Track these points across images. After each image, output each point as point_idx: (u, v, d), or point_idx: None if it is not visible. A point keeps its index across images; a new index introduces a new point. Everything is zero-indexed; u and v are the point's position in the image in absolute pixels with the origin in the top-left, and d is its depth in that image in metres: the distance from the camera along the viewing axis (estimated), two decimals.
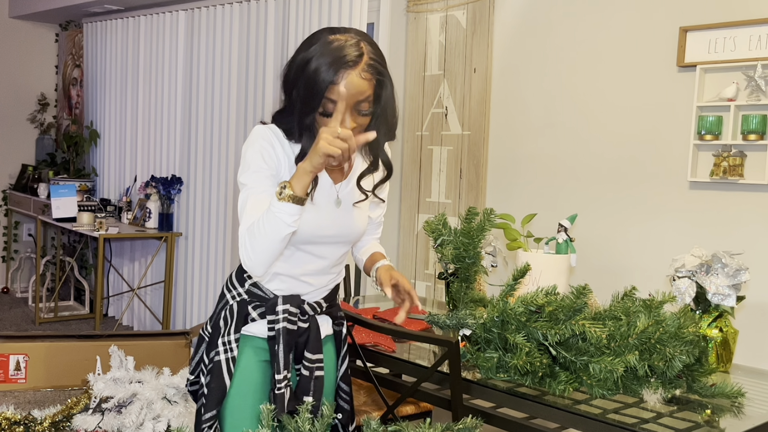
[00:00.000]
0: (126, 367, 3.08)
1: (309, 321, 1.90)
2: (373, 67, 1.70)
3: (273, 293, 1.88)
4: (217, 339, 1.89)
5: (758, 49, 2.92)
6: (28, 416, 3.09)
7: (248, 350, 1.89)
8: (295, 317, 1.87)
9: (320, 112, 1.69)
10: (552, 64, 3.58)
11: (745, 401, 2.06)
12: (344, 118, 1.68)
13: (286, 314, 1.86)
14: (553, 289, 2.16)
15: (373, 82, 1.70)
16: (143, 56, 5.66)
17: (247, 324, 1.89)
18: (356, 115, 1.70)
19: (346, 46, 1.67)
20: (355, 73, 1.66)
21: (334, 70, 1.65)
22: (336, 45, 1.67)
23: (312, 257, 1.87)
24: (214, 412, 1.86)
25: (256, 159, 1.76)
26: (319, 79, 1.65)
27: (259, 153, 1.76)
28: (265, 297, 1.88)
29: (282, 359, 1.85)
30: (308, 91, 1.68)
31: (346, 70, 1.65)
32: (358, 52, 1.68)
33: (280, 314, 1.86)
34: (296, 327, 1.88)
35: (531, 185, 3.67)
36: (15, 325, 5.58)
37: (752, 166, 2.97)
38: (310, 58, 1.68)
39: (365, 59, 1.68)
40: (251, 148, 1.78)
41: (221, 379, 1.85)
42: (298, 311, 1.87)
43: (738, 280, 2.32)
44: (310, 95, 1.68)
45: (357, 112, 1.70)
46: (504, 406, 2.11)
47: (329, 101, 1.67)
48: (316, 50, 1.68)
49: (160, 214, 5.30)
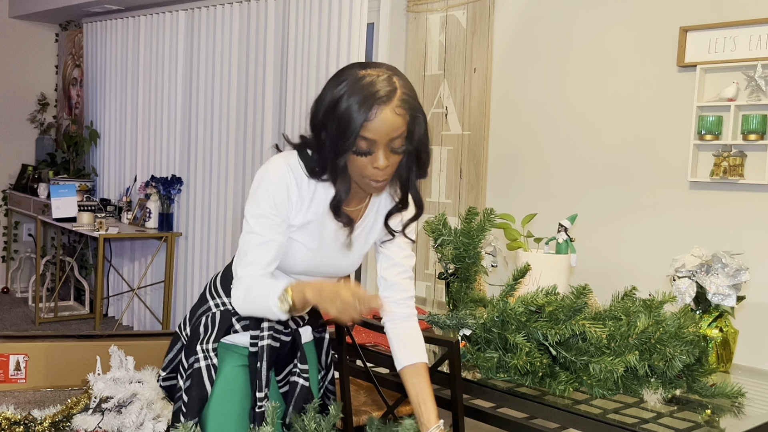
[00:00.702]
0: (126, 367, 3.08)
1: (292, 334, 1.90)
2: (407, 102, 1.61)
3: None
4: (195, 344, 1.87)
5: (758, 49, 2.92)
6: (28, 416, 3.09)
7: (229, 355, 1.87)
8: (279, 333, 1.86)
9: (353, 151, 1.61)
10: (552, 64, 3.58)
11: (745, 401, 2.06)
12: (377, 157, 1.61)
13: (272, 331, 1.84)
14: (553, 289, 2.16)
15: (406, 118, 1.61)
16: (143, 56, 5.66)
17: (229, 335, 1.88)
18: (389, 153, 1.62)
19: (377, 82, 1.59)
20: (389, 108, 1.58)
21: (368, 107, 1.57)
22: (367, 81, 1.59)
23: None
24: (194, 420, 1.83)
25: (268, 203, 1.69)
26: (352, 118, 1.57)
27: (273, 198, 1.69)
28: None
29: (264, 377, 1.84)
30: (340, 131, 1.59)
31: (379, 106, 1.57)
32: (390, 87, 1.59)
33: (265, 330, 1.84)
34: (278, 343, 1.87)
35: (531, 185, 3.67)
36: (15, 325, 5.58)
37: (752, 166, 2.97)
38: (340, 97, 1.59)
39: (398, 94, 1.60)
40: (265, 188, 1.70)
41: (202, 386, 1.83)
42: (282, 326, 1.86)
43: (738, 280, 2.32)
44: (343, 136, 1.59)
45: (390, 149, 1.62)
46: (504, 406, 2.11)
47: (363, 139, 1.59)
48: (346, 88, 1.60)
49: (160, 214, 5.30)
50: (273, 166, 1.72)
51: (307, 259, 1.78)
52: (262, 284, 1.69)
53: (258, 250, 1.70)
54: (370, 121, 1.57)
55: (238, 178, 4.89)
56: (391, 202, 1.81)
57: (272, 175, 1.71)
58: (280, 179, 1.70)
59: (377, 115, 1.57)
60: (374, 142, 1.60)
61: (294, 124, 4.48)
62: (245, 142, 4.83)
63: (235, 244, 4.92)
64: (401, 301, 1.86)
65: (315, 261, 1.79)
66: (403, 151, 1.64)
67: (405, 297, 1.87)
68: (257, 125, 4.74)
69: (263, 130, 4.68)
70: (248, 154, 4.81)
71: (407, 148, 1.65)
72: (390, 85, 1.60)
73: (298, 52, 4.43)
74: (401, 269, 1.86)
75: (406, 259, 1.86)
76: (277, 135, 4.64)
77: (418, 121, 1.64)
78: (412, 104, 1.62)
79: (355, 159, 1.63)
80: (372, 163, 1.62)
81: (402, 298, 1.86)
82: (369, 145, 1.60)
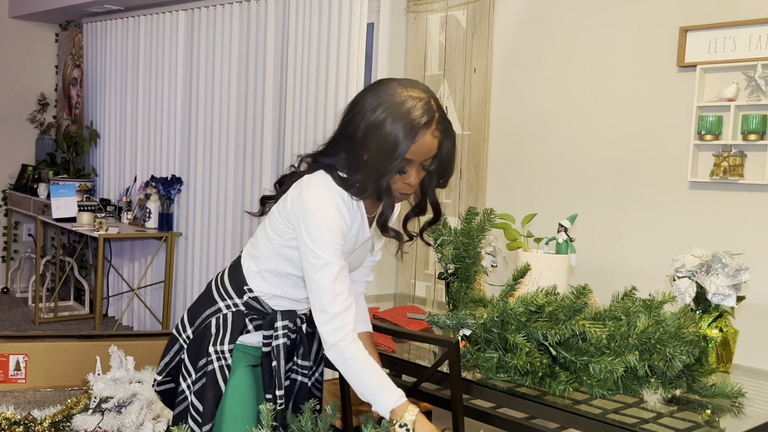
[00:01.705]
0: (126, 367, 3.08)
1: (296, 331, 1.93)
2: (443, 125, 1.72)
3: (272, 308, 1.89)
4: (206, 346, 1.86)
5: (758, 49, 2.92)
6: (28, 416, 3.09)
7: (238, 356, 1.89)
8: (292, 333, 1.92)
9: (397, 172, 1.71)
10: (552, 64, 3.58)
11: (745, 401, 2.06)
12: (411, 174, 1.71)
13: (286, 330, 1.89)
14: (553, 289, 2.16)
15: (440, 139, 1.72)
16: (143, 56, 5.66)
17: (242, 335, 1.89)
18: (420, 170, 1.74)
19: (419, 107, 1.67)
20: (429, 133, 1.68)
21: (413, 133, 1.65)
22: (409, 105, 1.66)
23: None
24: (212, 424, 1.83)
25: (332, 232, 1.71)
26: (399, 143, 1.65)
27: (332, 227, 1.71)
28: (265, 312, 1.89)
29: (282, 375, 1.86)
30: (386, 154, 1.66)
31: (422, 131, 1.66)
32: (431, 113, 1.68)
33: (279, 330, 1.87)
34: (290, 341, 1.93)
35: (531, 185, 3.67)
36: (15, 325, 5.58)
37: (752, 166, 2.97)
38: (383, 120, 1.65)
39: (437, 117, 1.70)
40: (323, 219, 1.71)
41: (217, 388, 1.84)
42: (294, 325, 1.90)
43: (738, 280, 2.32)
44: (389, 158, 1.66)
45: (422, 167, 1.73)
46: (504, 406, 2.11)
47: (404, 160, 1.68)
48: (388, 111, 1.66)
49: (160, 214, 5.30)
50: (320, 197, 1.72)
51: None
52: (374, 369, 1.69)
53: (339, 280, 1.71)
54: (415, 144, 1.66)
55: (238, 178, 4.89)
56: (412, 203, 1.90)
57: (325, 205, 1.72)
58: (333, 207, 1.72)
59: (420, 137, 1.67)
60: (411, 162, 1.69)
61: (294, 124, 4.48)
62: (245, 142, 4.83)
63: (235, 244, 4.92)
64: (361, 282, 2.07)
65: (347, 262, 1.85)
66: (432, 167, 1.75)
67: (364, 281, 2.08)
68: (257, 125, 4.74)
69: (263, 130, 4.68)
70: (248, 154, 4.81)
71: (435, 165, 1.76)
72: (430, 110, 1.68)
73: (298, 52, 4.43)
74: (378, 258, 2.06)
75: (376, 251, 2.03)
76: (277, 135, 4.64)
77: (450, 140, 1.75)
78: (446, 126, 1.73)
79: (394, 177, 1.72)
80: (404, 180, 1.72)
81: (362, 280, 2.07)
82: (406, 165, 1.70)
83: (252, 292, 1.89)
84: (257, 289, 1.88)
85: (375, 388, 1.67)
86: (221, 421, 1.85)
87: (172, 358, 1.98)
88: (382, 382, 1.68)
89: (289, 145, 4.50)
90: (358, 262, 1.93)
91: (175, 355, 1.97)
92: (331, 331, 1.68)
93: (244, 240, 4.87)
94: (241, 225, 4.88)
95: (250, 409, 1.87)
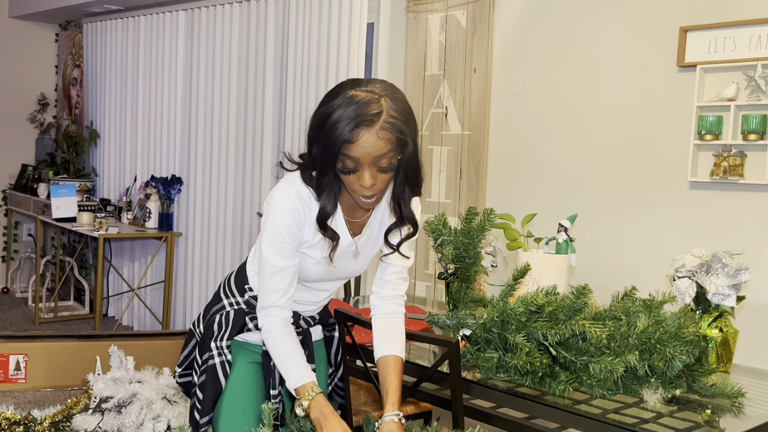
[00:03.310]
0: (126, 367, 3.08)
1: (303, 333, 1.93)
2: (392, 125, 1.62)
3: None
4: (209, 341, 1.91)
5: (758, 49, 2.92)
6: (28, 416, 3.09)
7: (242, 352, 1.92)
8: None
9: (339, 169, 1.65)
10: (552, 64, 3.58)
11: (745, 401, 2.06)
12: (362, 175, 1.64)
13: None
14: (553, 289, 2.16)
15: (393, 140, 1.63)
16: (143, 56, 5.66)
17: (243, 333, 1.91)
18: (376, 172, 1.65)
19: (364, 104, 1.60)
20: (371, 132, 1.60)
21: (350, 129, 1.59)
22: (355, 101, 1.61)
23: (314, 290, 1.91)
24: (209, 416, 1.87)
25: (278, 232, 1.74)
26: (334, 138, 1.61)
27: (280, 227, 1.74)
28: None
29: (278, 375, 1.87)
30: (325, 149, 1.64)
31: (361, 130, 1.59)
32: (376, 111, 1.60)
33: None
34: None
35: (531, 185, 3.67)
36: (15, 325, 5.58)
37: (752, 166, 2.97)
38: (329, 114, 1.62)
39: (383, 117, 1.60)
40: (273, 218, 1.74)
41: (217, 382, 1.87)
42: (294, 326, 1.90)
43: (738, 280, 2.31)
44: (327, 154, 1.64)
45: (377, 168, 1.64)
46: (504, 406, 2.11)
47: (347, 158, 1.62)
48: (335, 105, 1.62)
49: (160, 214, 5.30)
50: (278, 194, 1.75)
51: (318, 270, 1.84)
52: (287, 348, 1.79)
53: (274, 279, 1.77)
54: (352, 144, 1.60)
55: (238, 178, 4.89)
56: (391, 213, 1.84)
57: (278, 203, 1.74)
58: (286, 206, 1.73)
59: (359, 138, 1.60)
60: (358, 162, 1.62)
61: (294, 124, 4.48)
62: (245, 142, 4.83)
63: (235, 244, 4.92)
64: (389, 297, 1.92)
65: (326, 271, 1.85)
66: (391, 169, 1.67)
67: (394, 295, 1.92)
68: (257, 125, 4.74)
69: (263, 130, 4.68)
70: (248, 154, 4.81)
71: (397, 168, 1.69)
72: (377, 108, 1.61)
73: (298, 52, 4.43)
74: (395, 269, 1.92)
75: (401, 260, 1.91)
76: (277, 135, 4.64)
77: (406, 142, 1.66)
78: (398, 127, 1.63)
79: (343, 176, 1.67)
80: (358, 181, 1.65)
81: (391, 295, 1.92)
82: (354, 164, 1.63)
83: (252, 291, 1.92)
84: (256, 287, 1.91)
85: (285, 367, 1.78)
86: (219, 414, 1.88)
87: (190, 353, 2.03)
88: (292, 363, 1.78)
89: (289, 145, 4.50)
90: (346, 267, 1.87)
91: (192, 349, 2.02)
92: (262, 317, 1.81)
93: (244, 240, 4.87)
94: (241, 225, 4.88)
95: (249, 405, 1.89)
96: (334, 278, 1.91)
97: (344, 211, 1.80)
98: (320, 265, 1.82)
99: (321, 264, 1.82)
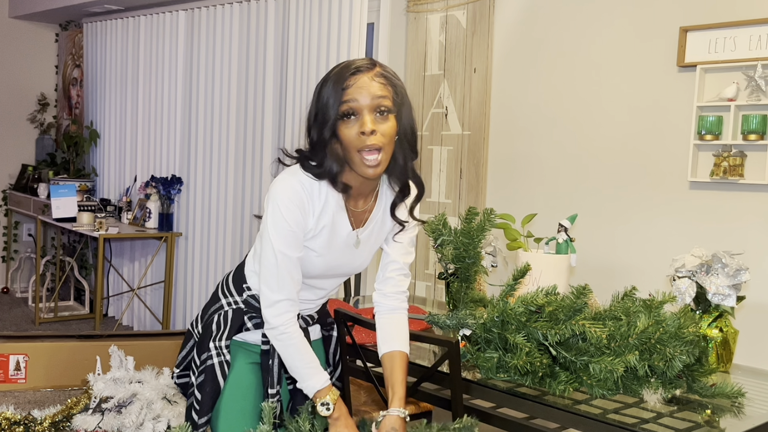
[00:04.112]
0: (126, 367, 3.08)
1: None
2: (387, 77, 1.69)
3: None
4: (207, 341, 1.90)
5: (758, 49, 2.92)
6: (28, 416, 3.09)
7: (240, 352, 1.91)
8: None
9: (340, 115, 1.66)
10: (552, 64, 3.58)
11: (745, 401, 2.06)
12: (364, 121, 1.65)
13: None
14: (553, 289, 2.16)
15: (389, 88, 1.68)
16: (143, 56, 5.66)
17: (241, 332, 1.91)
18: (376, 117, 1.66)
19: (356, 61, 1.70)
20: (366, 76, 1.66)
21: (345, 77, 1.66)
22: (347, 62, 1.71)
23: (311, 288, 1.90)
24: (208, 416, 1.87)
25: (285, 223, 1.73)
26: (332, 89, 1.66)
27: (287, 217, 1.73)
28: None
29: (276, 374, 1.87)
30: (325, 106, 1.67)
31: (356, 75, 1.66)
32: (370, 62, 1.69)
33: None
34: None
35: (531, 185, 3.67)
36: (15, 325, 5.58)
37: (752, 166, 2.97)
38: (325, 79, 1.69)
39: (377, 69, 1.69)
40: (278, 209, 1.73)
41: (215, 382, 1.86)
42: None
43: (738, 280, 2.31)
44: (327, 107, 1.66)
45: (378, 113, 1.66)
46: (504, 406, 2.11)
47: (346, 103, 1.65)
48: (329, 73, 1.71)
49: (160, 214, 5.30)
50: (280, 185, 1.75)
51: (320, 264, 1.83)
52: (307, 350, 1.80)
53: (286, 268, 1.75)
54: (350, 87, 1.65)
55: (238, 178, 4.89)
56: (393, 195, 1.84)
57: (281, 193, 1.73)
58: (291, 195, 1.73)
59: (355, 81, 1.65)
60: (358, 105, 1.65)
61: (294, 124, 4.48)
62: (245, 142, 4.83)
63: (235, 244, 4.92)
64: (392, 294, 1.93)
65: (328, 265, 1.84)
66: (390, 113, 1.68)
67: (396, 291, 1.93)
68: (257, 125, 4.74)
69: (263, 130, 4.68)
70: (248, 154, 4.81)
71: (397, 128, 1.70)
72: (369, 62, 1.69)
73: (298, 52, 4.43)
74: (397, 266, 1.92)
75: (403, 256, 1.92)
76: (277, 135, 4.64)
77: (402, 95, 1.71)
78: (393, 80, 1.70)
79: (344, 131, 1.67)
80: (360, 128, 1.65)
81: (393, 291, 1.93)
82: (354, 109, 1.65)
83: (250, 290, 1.92)
84: (255, 287, 1.91)
85: (304, 369, 1.79)
86: (218, 414, 1.87)
87: (188, 353, 2.02)
88: (311, 365, 1.79)
89: (289, 144, 4.50)
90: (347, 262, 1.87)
91: (190, 350, 2.01)
92: (274, 315, 1.77)
93: (244, 240, 4.87)
94: (241, 225, 4.88)
95: (248, 405, 1.88)
96: (334, 274, 1.89)
97: (345, 200, 1.79)
98: (322, 257, 1.81)
99: (322, 257, 1.81)
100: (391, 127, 1.68)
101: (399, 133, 1.72)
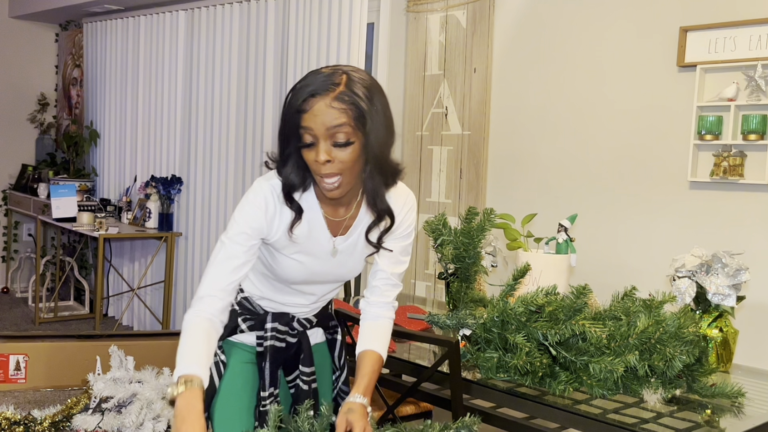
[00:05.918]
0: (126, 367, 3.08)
1: (298, 336, 1.91)
2: (349, 99, 1.58)
3: (264, 309, 1.89)
4: None
5: (758, 49, 2.92)
6: (28, 416, 3.09)
7: (236, 352, 1.90)
8: (284, 335, 1.89)
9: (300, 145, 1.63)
10: (552, 64, 3.58)
11: (745, 401, 2.06)
12: (319, 150, 1.60)
13: (274, 332, 1.88)
14: (553, 289, 2.16)
15: (349, 113, 1.58)
16: (143, 56, 5.66)
17: (236, 334, 1.90)
18: (331, 147, 1.60)
19: (324, 76, 1.60)
20: (324, 101, 1.57)
21: (304, 97, 1.59)
22: (317, 74, 1.62)
23: (301, 293, 1.89)
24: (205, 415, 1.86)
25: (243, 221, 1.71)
26: (292, 108, 1.61)
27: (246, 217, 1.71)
28: (256, 312, 1.90)
29: (268, 377, 1.86)
30: (285, 122, 1.64)
31: (314, 98, 1.58)
32: (332, 82, 1.59)
33: (268, 332, 1.87)
34: (284, 344, 1.89)
35: (531, 185, 3.67)
36: (15, 325, 5.58)
37: (752, 166, 2.97)
38: (289, 96, 1.64)
39: (340, 89, 1.58)
40: (244, 208, 1.72)
41: (211, 382, 1.86)
42: (287, 328, 1.88)
43: (738, 280, 2.32)
44: (287, 125, 1.64)
45: (333, 143, 1.60)
46: (504, 406, 2.11)
47: (304, 130, 1.60)
48: (298, 83, 1.64)
49: (160, 214, 5.30)
50: (253, 188, 1.75)
51: (301, 272, 1.80)
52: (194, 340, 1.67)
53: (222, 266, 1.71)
54: (306, 113, 1.59)
55: (238, 178, 4.89)
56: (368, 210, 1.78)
57: (250, 194, 1.73)
58: (256, 198, 1.72)
59: (311, 106, 1.58)
60: (314, 134, 1.60)
61: None
62: (245, 142, 4.83)
63: None
64: (377, 303, 1.89)
65: (309, 272, 1.81)
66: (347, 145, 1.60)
67: (382, 301, 1.89)
68: (257, 125, 4.74)
69: (263, 130, 4.68)
70: (248, 154, 4.81)
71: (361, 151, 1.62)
72: (334, 79, 1.59)
73: (298, 52, 4.43)
74: (383, 275, 1.87)
75: (391, 265, 1.86)
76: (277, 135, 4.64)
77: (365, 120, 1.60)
78: (355, 101, 1.58)
79: (304, 153, 1.64)
80: (315, 157, 1.61)
81: (378, 301, 1.89)
82: (311, 138, 1.61)
83: (243, 292, 1.91)
84: (246, 289, 1.91)
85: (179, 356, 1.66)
86: (213, 414, 1.87)
87: None
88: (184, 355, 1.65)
89: None
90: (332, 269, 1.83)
91: None
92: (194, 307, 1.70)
93: None
94: None
95: (244, 405, 1.87)
96: (321, 281, 1.86)
97: (324, 208, 1.77)
98: (302, 265, 1.78)
99: (302, 264, 1.78)
100: (350, 154, 1.61)
101: (368, 158, 1.64)
